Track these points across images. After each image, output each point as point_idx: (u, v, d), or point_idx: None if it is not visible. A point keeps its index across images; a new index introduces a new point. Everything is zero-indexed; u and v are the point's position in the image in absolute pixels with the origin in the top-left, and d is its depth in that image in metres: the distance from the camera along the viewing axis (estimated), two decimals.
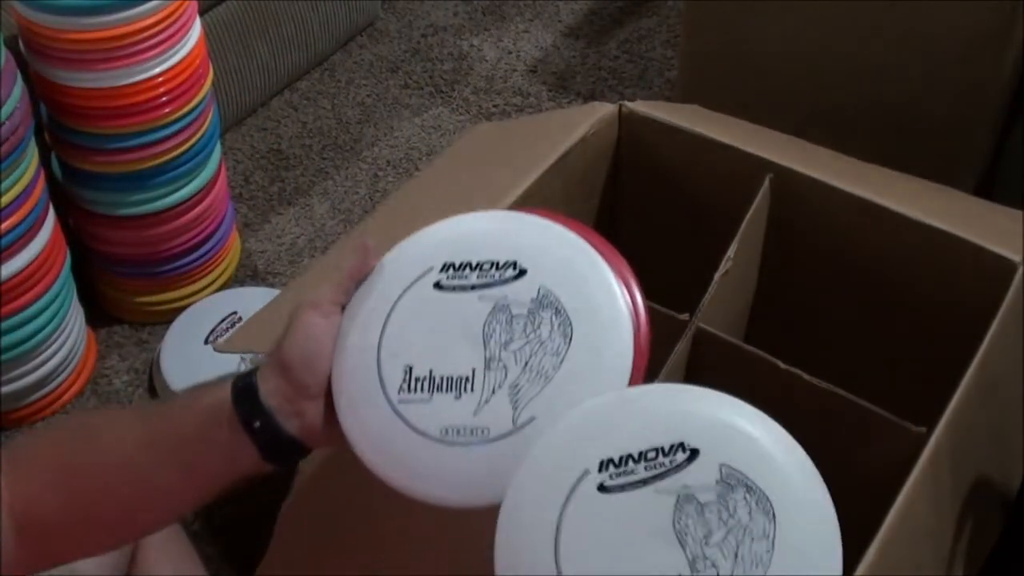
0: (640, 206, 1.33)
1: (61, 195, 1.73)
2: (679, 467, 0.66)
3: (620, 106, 1.29)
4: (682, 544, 0.64)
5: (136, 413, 0.84)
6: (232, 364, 1.42)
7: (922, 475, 0.94)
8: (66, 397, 1.71)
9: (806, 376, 1.06)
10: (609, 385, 0.71)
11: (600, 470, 0.66)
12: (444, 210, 0.84)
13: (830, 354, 1.15)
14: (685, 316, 1.10)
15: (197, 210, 1.75)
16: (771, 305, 1.31)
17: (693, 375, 1.12)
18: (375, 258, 0.79)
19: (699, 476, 0.65)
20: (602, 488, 0.66)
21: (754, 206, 1.19)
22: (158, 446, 0.76)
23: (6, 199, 1.49)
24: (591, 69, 2.27)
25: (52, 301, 1.61)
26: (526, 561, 0.67)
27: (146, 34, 1.57)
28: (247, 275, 1.91)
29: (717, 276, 1.12)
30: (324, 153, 2.12)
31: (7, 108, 1.45)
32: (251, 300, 1.74)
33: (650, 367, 1.06)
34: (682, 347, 1.08)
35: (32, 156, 1.54)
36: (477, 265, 0.74)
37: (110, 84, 1.58)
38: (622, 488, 0.66)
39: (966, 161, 1.70)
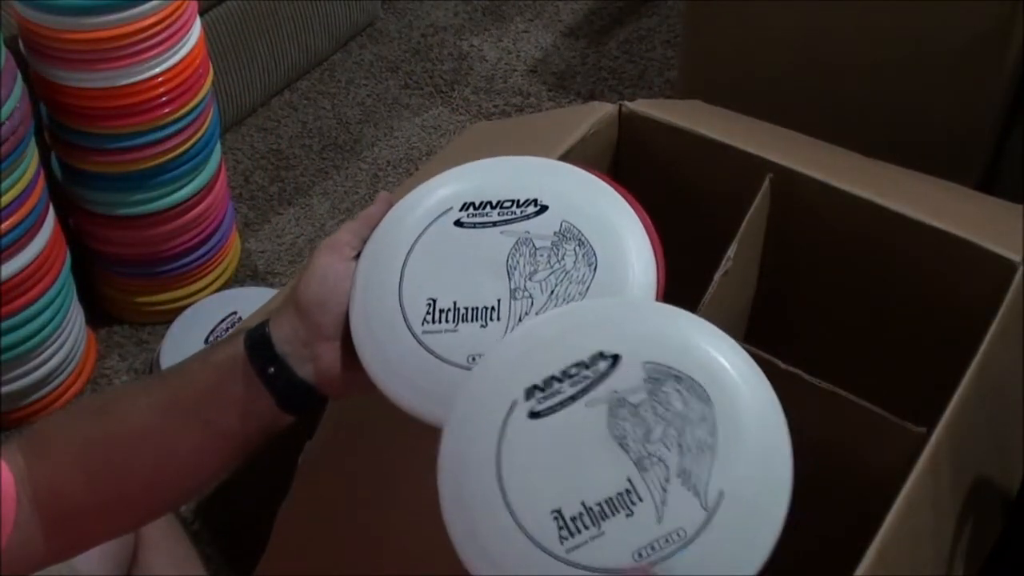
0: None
1: (61, 195, 1.73)
2: (604, 375, 0.65)
3: (620, 106, 1.29)
4: (624, 448, 0.64)
5: (150, 380, 0.84)
6: None
7: (922, 475, 0.94)
8: (66, 397, 1.71)
9: (806, 376, 1.05)
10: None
11: (527, 398, 0.66)
12: None
13: (830, 354, 1.15)
14: None
15: (197, 210, 1.75)
16: (771, 305, 1.31)
17: None
18: (388, 203, 0.79)
19: (625, 379, 0.65)
20: (533, 415, 0.66)
21: (754, 206, 1.19)
22: (175, 408, 0.76)
23: (6, 199, 1.49)
24: (591, 69, 2.27)
25: (52, 301, 1.61)
26: (474, 500, 0.66)
27: (146, 34, 1.57)
28: (247, 275, 1.91)
29: (717, 276, 1.12)
30: (324, 153, 2.12)
31: (7, 108, 1.45)
32: (251, 300, 1.74)
33: None
34: None
35: (32, 156, 1.54)
36: (498, 203, 0.74)
37: (110, 84, 1.58)
38: (552, 410, 0.66)
39: (966, 161, 1.70)
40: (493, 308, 0.70)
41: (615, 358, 0.65)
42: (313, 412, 0.79)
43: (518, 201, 0.74)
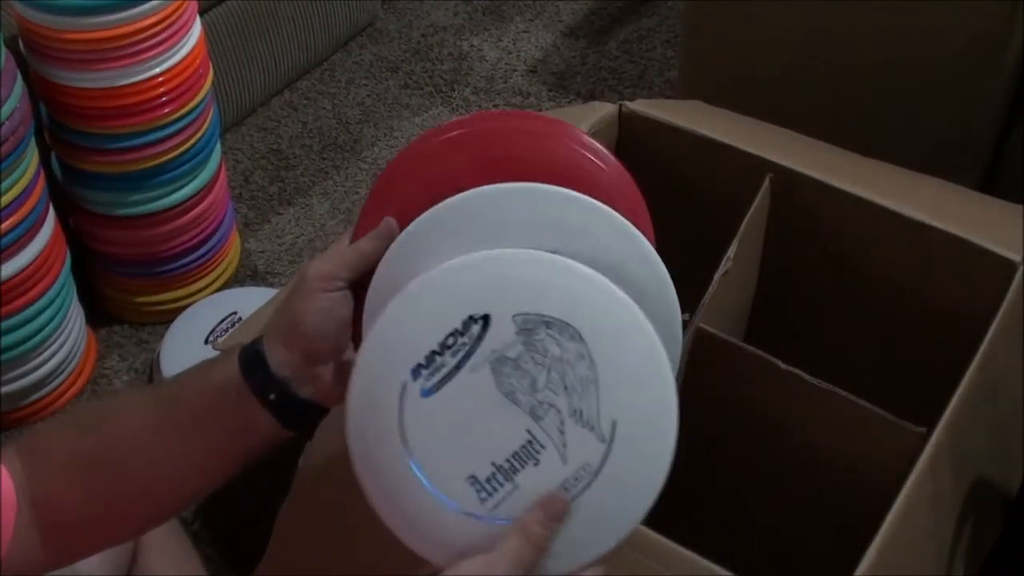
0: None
1: (61, 195, 1.73)
2: (479, 338, 0.66)
3: (620, 106, 1.29)
4: (516, 403, 0.66)
5: (145, 395, 0.83)
6: None
7: (922, 475, 0.94)
8: (66, 397, 1.71)
9: (806, 376, 1.06)
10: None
11: (415, 378, 0.67)
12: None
13: (830, 354, 1.15)
14: (685, 316, 1.10)
15: (197, 210, 1.75)
16: (771, 305, 1.31)
17: (693, 375, 1.12)
18: (388, 239, 0.76)
19: (500, 337, 0.66)
20: (424, 392, 0.67)
21: (754, 206, 1.19)
22: (172, 427, 0.76)
23: (6, 199, 1.49)
24: (591, 69, 2.27)
25: (52, 301, 1.61)
26: (396, 487, 0.68)
27: (146, 34, 1.57)
28: (247, 275, 1.91)
29: (717, 276, 1.12)
30: (324, 153, 2.12)
31: (7, 108, 1.45)
32: (251, 300, 1.74)
33: None
34: (682, 347, 1.08)
35: (32, 156, 1.54)
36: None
37: (110, 84, 1.58)
38: (441, 384, 0.67)
39: (966, 161, 1.70)
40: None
41: (486, 319, 0.66)
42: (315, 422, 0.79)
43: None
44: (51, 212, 1.62)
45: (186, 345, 1.73)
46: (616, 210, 0.72)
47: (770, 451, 1.14)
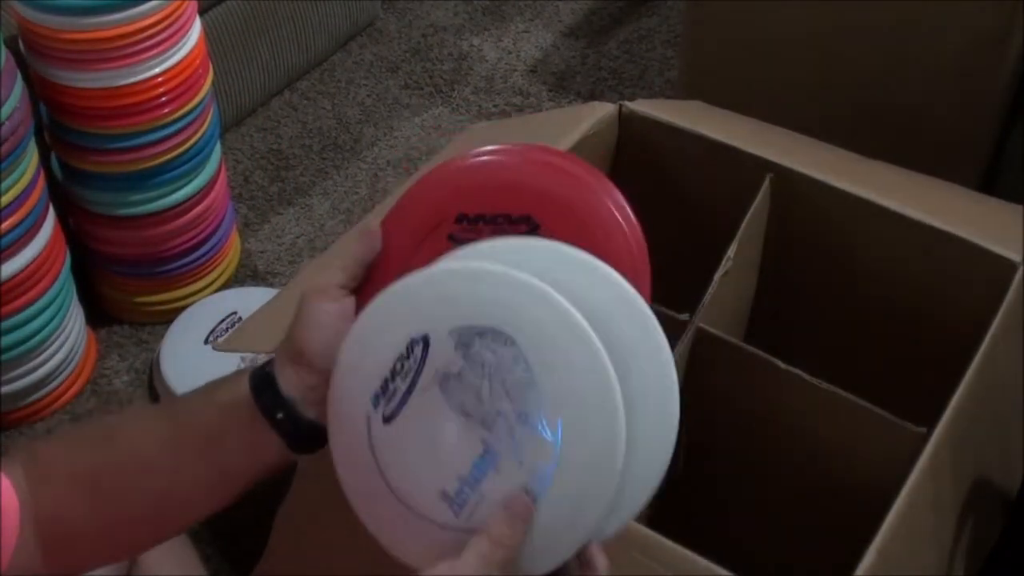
0: (640, 206, 1.33)
1: (61, 195, 1.73)
2: (423, 359, 0.68)
3: (620, 106, 1.29)
4: (468, 415, 0.67)
5: (155, 414, 0.83)
6: (232, 363, 1.42)
7: (922, 475, 0.94)
8: (66, 397, 1.71)
9: (806, 376, 1.06)
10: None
11: (375, 406, 0.69)
12: None
13: (830, 354, 1.15)
14: (685, 316, 1.10)
15: (197, 210, 1.75)
16: (771, 305, 1.31)
17: (693, 375, 1.12)
18: (379, 242, 0.77)
19: (441, 354, 0.67)
20: (386, 419, 0.69)
21: (754, 206, 1.19)
22: (180, 447, 0.76)
23: (6, 199, 1.49)
24: (591, 69, 2.27)
25: (52, 301, 1.61)
26: (380, 510, 0.70)
27: (146, 34, 1.57)
28: (247, 275, 1.91)
29: (717, 276, 1.12)
30: (324, 153, 2.12)
31: (7, 108, 1.45)
32: (251, 300, 1.74)
33: None
34: (682, 347, 1.08)
35: (32, 156, 1.54)
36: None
37: (110, 84, 1.58)
38: (399, 409, 0.68)
39: (966, 161, 1.69)
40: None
41: (425, 339, 0.68)
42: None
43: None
44: (51, 212, 1.62)
45: (186, 345, 1.73)
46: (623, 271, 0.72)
47: (770, 451, 1.14)
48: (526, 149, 0.78)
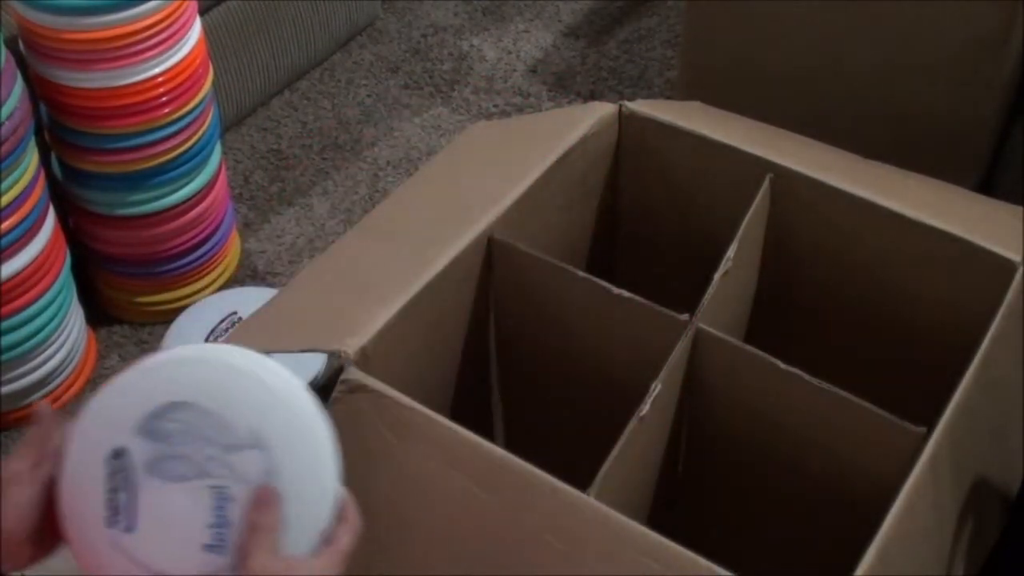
0: (640, 206, 1.33)
1: (61, 195, 1.73)
2: (127, 464, 0.72)
3: (620, 106, 1.29)
4: (187, 479, 0.72)
5: None
6: None
7: (922, 475, 0.94)
8: (66, 397, 1.71)
9: (806, 376, 1.06)
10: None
11: (112, 526, 0.73)
12: (439, 213, 0.83)
13: (830, 354, 1.15)
14: (685, 316, 1.10)
15: (197, 210, 1.75)
16: (771, 305, 1.31)
17: (693, 375, 1.12)
18: (54, 423, 0.78)
19: (138, 451, 0.72)
20: (128, 530, 0.73)
21: (754, 206, 1.19)
22: None
23: (6, 199, 1.49)
24: (591, 69, 2.28)
25: (52, 301, 1.61)
26: None
27: (146, 34, 1.57)
28: (247, 275, 1.91)
29: (717, 276, 1.12)
30: (324, 153, 2.12)
31: (7, 108, 1.45)
32: (251, 300, 1.73)
33: (651, 368, 1.06)
34: (682, 347, 1.08)
35: (32, 156, 1.54)
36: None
37: (110, 84, 1.58)
38: (133, 516, 0.73)
39: (966, 161, 1.70)
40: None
41: (117, 450, 0.73)
42: None
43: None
44: (51, 212, 1.62)
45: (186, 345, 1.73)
46: None
47: (770, 451, 1.14)
48: None
